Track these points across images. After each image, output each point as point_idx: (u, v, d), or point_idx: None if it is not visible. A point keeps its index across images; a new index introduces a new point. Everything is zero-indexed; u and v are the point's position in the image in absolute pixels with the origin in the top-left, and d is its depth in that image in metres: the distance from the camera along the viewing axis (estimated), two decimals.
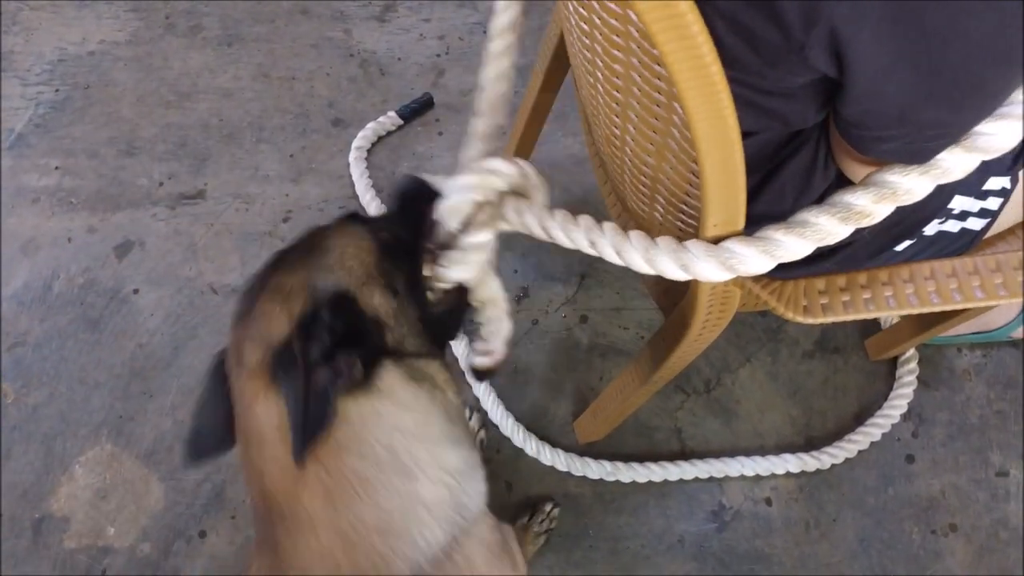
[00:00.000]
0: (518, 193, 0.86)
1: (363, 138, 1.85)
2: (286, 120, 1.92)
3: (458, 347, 1.57)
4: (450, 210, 0.85)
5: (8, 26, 2.07)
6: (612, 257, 0.78)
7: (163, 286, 1.70)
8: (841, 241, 0.75)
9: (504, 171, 0.84)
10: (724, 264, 0.73)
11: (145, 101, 1.95)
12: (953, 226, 0.96)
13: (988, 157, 0.69)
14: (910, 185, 0.69)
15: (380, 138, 1.88)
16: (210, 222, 1.78)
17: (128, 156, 1.87)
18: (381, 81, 1.97)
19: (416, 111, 1.90)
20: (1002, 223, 0.98)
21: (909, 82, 0.62)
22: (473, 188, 0.84)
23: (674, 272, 0.75)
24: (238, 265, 1.73)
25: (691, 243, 0.74)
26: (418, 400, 0.76)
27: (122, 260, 1.73)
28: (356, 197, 1.79)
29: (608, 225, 0.79)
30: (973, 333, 1.56)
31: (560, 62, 1.37)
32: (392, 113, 1.88)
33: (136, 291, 1.69)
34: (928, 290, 0.91)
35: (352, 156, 1.83)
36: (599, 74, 0.75)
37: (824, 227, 0.71)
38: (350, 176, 1.82)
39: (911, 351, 1.56)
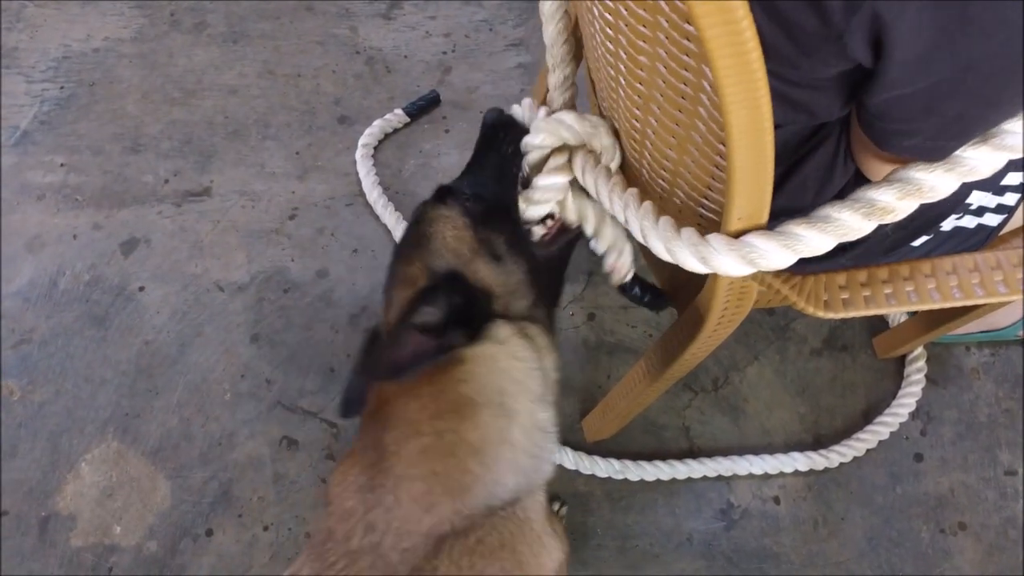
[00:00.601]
0: (590, 149, 0.95)
1: (370, 135, 1.85)
2: (292, 117, 1.91)
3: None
4: (524, 160, 0.96)
5: (12, 23, 2.06)
6: (637, 235, 0.81)
7: (169, 283, 1.69)
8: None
9: (572, 125, 0.92)
10: (745, 258, 0.73)
11: (150, 98, 1.95)
12: (970, 222, 0.96)
13: (1016, 156, 0.69)
14: (935, 182, 0.69)
15: (387, 135, 1.87)
16: (216, 219, 1.77)
17: (133, 153, 1.87)
18: (387, 78, 1.97)
19: (423, 108, 1.90)
20: (1019, 218, 0.98)
21: (943, 72, 0.62)
22: (542, 137, 0.93)
23: (694, 264, 0.75)
24: (244, 262, 1.72)
25: (712, 237, 0.74)
26: (526, 354, 0.85)
27: (128, 257, 1.73)
28: (363, 194, 1.78)
29: (646, 205, 0.82)
30: (980, 332, 1.56)
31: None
32: (399, 110, 1.88)
33: (142, 288, 1.69)
34: (950, 285, 0.91)
35: (359, 153, 1.83)
36: (621, 67, 0.75)
37: (846, 223, 0.71)
38: (356, 173, 1.81)
39: (919, 349, 1.55)
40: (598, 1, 0.71)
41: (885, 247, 0.95)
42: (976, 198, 0.93)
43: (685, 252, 0.75)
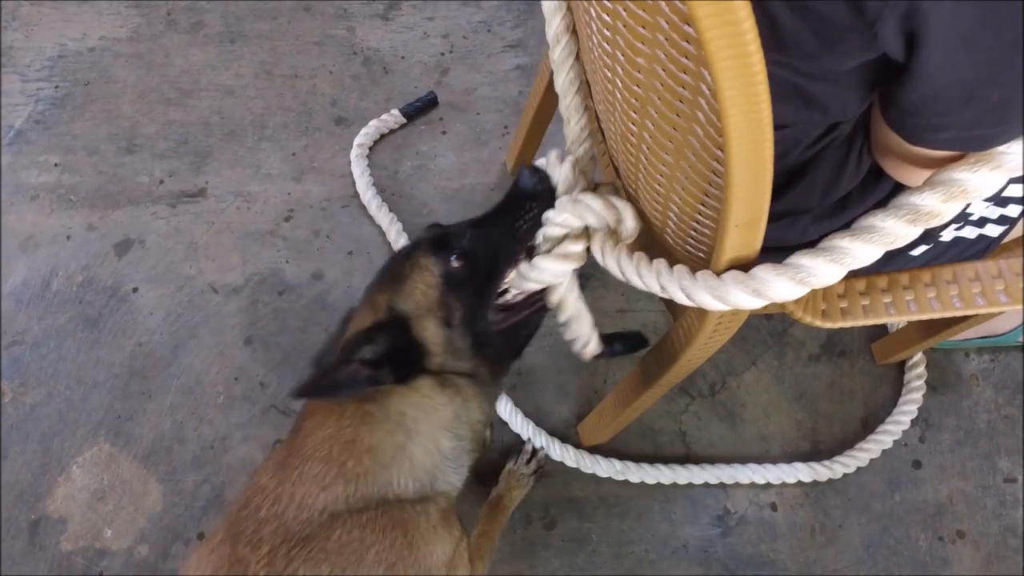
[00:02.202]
0: (612, 231, 0.95)
1: (365, 135, 1.83)
2: (288, 118, 1.90)
3: None
4: (541, 231, 0.96)
5: (8, 21, 2.05)
6: (681, 299, 0.82)
7: (163, 285, 1.68)
8: None
9: (600, 212, 0.92)
10: (795, 279, 0.74)
11: (146, 98, 1.93)
12: (970, 232, 0.95)
13: (1015, 174, 0.68)
14: (980, 181, 0.68)
15: (383, 136, 1.86)
16: (211, 220, 1.76)
17: (128, 153, 1.85)
18: (384, 79, 1.95)
19: (420, 110, 1.88)
20: (1020, 228, 0.97)
21: (987, 54, 0.61)
22: (565, 217, 0.93)
23: (749, 302, 0.75)
24: (239, 264, 1.71)
25: (759, 269, 0.75)
26: (438, 399, 0.96)
27: (122, 258, 1.71)
28: (358, 196, 1.77)
29: (678, 268, 0.83)
30: (980, 338, 1.55)
31: None
32: (395, 111, 1.87)
33: (136, 290, 1.68)
34: (950, 294, 0.90)
35: (353, 153, 1.82)
36: (619, 68, 0.73)
37: (892, 230, 0.71)
38: (352, 174, 1.80)
39: (919, 356, 1.54)
40: (596, 2, 0.70)
41: (884, 256, 0.94)
42: (978, 208, 0.92)
43: (736, 292, 0.76)
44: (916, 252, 0.95)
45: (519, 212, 0.98)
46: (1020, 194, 0.92)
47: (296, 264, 1.70)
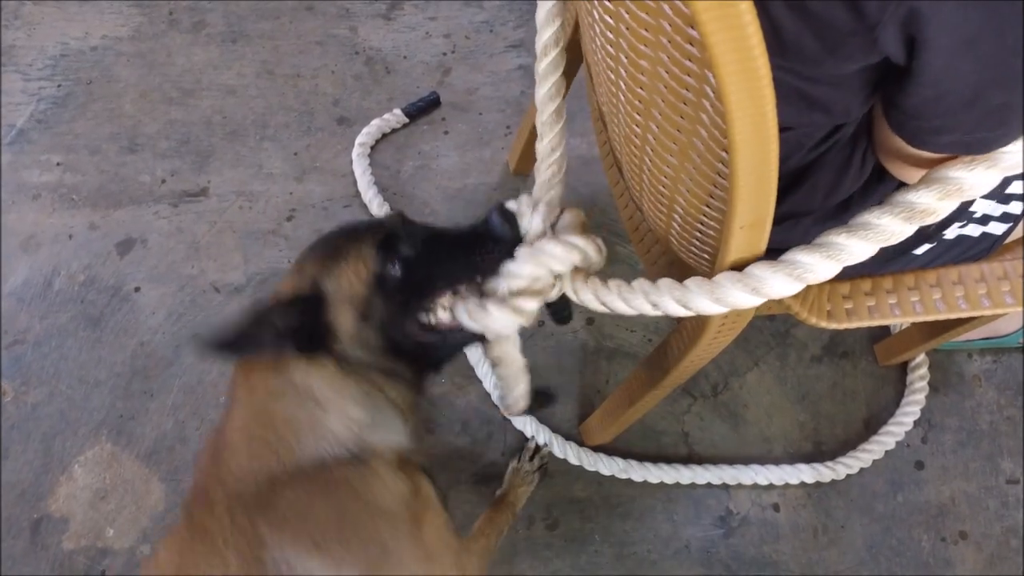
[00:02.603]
0: (578, 268, 0.92)
1: (367, 135, 1.83)
2: (290, 118, 1.90)
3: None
4: (504, 282, 0.92)
5: (10, 20, 2.05)
6: (678, 311, 0.81)
7: (165, 284, 1.68)
8: None
9: (562, 257, 0.89)
10: (792, 275, 0.73)
11: (148, 97, 1.93)
12: (974, 230, 0.95)
13: (1010, 173, 0.68)
14: (976, 180, 0.67)
15: (385, 136, 1.86)
16: (213, 220, 1.76)
17: (130, 153, 1.85)
18: (387, 79, 1.95)
19: (422, 110, 1.88)
20: (1022, 229, 0.97)
21: (989, 58, 0.61)
22: (529, 269, 0.90)
23: (748, 300, 0.75)
24: (241, 263, 1.71)
25: (755, 267, 0.75)
26: (340, 378, 0.95)
27: (124, 257, 1.71)
28: (360, 196, 1.77)
29: (663, 282, 0.82)
30: (982, 339, 1.55)
31: (569, 61, 1.35)
32: (398, 111, 1.86)
33: (137, 289, 1.68)
34: (956, 295, 0.90)
35: (355, 152, 1.81)
36: (622, 71, 0.73)
37: (888, 228, 0.70)
38: (353, 174, 1.80)
39: (922, 356, 1.54)
40: (599, 3, 0.70)
41: (887, 255, 0.94)
42: (981, 206, 0.92)
43: (735, 292, 0.75)
44: (919, 251, 0.95)
45: (479, 248, 0.95)
46: (1021, 191, 0.92)
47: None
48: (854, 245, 0.72)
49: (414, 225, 1.02)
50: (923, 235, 0.93)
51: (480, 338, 0.98)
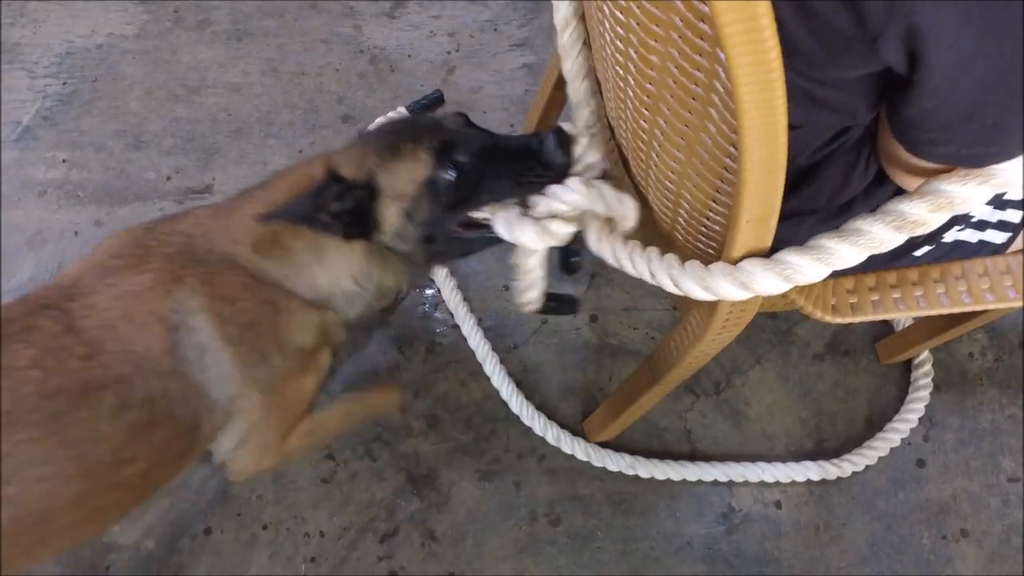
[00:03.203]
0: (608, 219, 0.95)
1: None
2: (295, 115, 1.91)
3: None
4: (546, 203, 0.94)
5: (16, 18, 2.05)
6: (669, 287, 0.83)
7: None
8: None
9: (612, 201, 0.92)
10: (782, 275, 0.74)
11: (153, 95, 1.94)
12: (971, 236, 0.95)
13: (1001, 190, 0.70)
14: (968, 194, 0.69)
15: None
16: None
17: (135, 150, 1.86)
18: (391, 77, 1.96)
19: (426, 108, 1.88)
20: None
21: (987, 74, 0.62)
22: (575, 199, 0.92)
23: (734, 293, 0.76)
24: None
25: (747, 263, 0.76)
26: (362, 260, 1.05)
27: None
28: None
29: (668, 257, 0.84)
30: None
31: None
32: (402, 108, 1.86)
33: None
34: (959, 290, 0.90)
35: None
36: (631, 66, 0.74)
37: (878, 236, 0.72)
38: None
39: (925, 354, 1.55)
40: (608, 2, 0.71)
41: (887, 256, 0.94)
42: (977, 211, 0.92)
43: (724, 286, 0.76)
44: (918, 253, 0.96)
45: (529, 166, 0.97)
46: (1019, 197, 0.93)
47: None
48: (844, 250, 0.74)
49: (473, 130, 1.05)
50: (921, 237, 0.93)
51: (507, 243, 1.01)
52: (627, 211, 0.93)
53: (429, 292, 1.67)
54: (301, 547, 1.43)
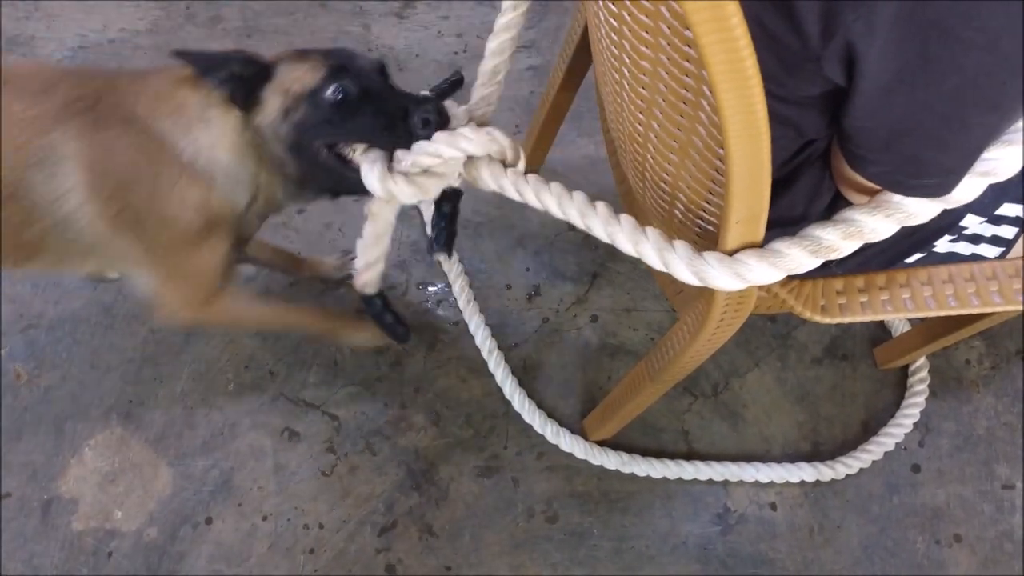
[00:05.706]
0: (499, 159, 0.97)
1: None
2: None
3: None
4: (411, 157, 0.98)
5: (30, 12, 2.08)
6: (602, 236, 0.84)
7: None
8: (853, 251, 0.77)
9: (503, 143, 0.95)
10: (737, 275, 0.76)
11: None
12: (964, 248, 0.96)
13: (950, 207, 0.72)
14: (874, 225, 0.73)
15: None
16: None
17: None
18: (399, 77, 1.96)
19: (445, 92, 1.90)
20: (1019, 248, 0.98)
21: (902, 108, 0.64)
22: (473, 146, 0.95)
23: (687, 277, 0.77)
24: None
25: (744, 254, 0.77)
26: (236, 131, 1.10)
27: None
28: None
29: (623, 217, 0.84)
30: None
31: (580, 61, 1.38)
32: (425, 91, 1.88)
33: None
34: (946, 293, 0.92)
35: None
36: (625, 71, 0.76)
37: (796, 259, 0.76)
38: None
39: (922, 360, 1.56)
40: (604, 6, 0.72)
41: (880, 262, 0.96)
42: (970, 222, 0.93)
43: (679, 264, 0.78)
44: (910, 260, 0.97)
45: (406, 122, 1.01)
46: (1014, 214, 0.93)
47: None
48: (800, 256, 0.77)
49: (375, 75, 1.11)
50: (914, 244, 0.95)
51: (367, 192, 1.05)
52: (503, 147, 0.96)
53: (433, 289, 1.69)
54: (300, 538, 1.45)
